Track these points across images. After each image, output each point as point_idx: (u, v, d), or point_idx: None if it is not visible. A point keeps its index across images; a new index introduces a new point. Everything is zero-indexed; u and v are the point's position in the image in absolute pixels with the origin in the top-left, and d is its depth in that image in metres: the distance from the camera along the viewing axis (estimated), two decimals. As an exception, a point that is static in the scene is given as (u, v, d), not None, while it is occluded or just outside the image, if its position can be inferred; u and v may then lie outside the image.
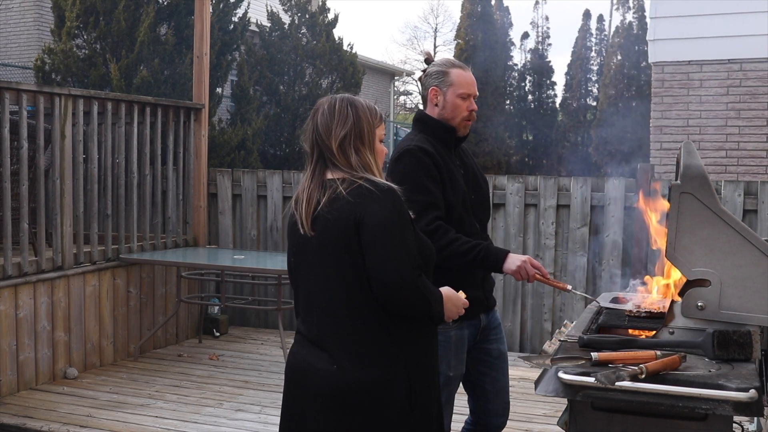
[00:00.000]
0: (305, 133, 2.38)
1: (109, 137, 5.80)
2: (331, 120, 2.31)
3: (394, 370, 2.26)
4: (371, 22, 56.16)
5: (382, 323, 2.26)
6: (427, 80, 3.08)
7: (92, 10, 8.97)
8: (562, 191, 6.13)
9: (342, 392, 2.24)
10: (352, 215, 2.21)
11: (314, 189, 2.29)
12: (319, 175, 2.31)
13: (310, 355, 2.30)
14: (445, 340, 2.93)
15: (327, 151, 2.30)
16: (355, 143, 2.30)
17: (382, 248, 2.20)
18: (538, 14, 21.21)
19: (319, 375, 2.26)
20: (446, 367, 2.96)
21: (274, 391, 5.14)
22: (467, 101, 3.03)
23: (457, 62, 3.09)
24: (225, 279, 6.19)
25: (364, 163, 2.30)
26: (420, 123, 3.08)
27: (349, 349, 2.25)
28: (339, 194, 2.23)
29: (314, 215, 2.27)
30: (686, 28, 7.56)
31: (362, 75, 12.67)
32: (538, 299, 6.24)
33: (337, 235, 2.23)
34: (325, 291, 2.28)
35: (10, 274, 4.94)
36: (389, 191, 2.25)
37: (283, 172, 6.95)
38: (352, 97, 2.38)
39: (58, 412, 4.66)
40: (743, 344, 2.25)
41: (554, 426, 4.13)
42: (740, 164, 7.41)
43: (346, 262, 2.23)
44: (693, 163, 2.43)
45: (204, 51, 6.64)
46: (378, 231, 2.20)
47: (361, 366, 2.24)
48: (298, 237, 2.32)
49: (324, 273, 2.27)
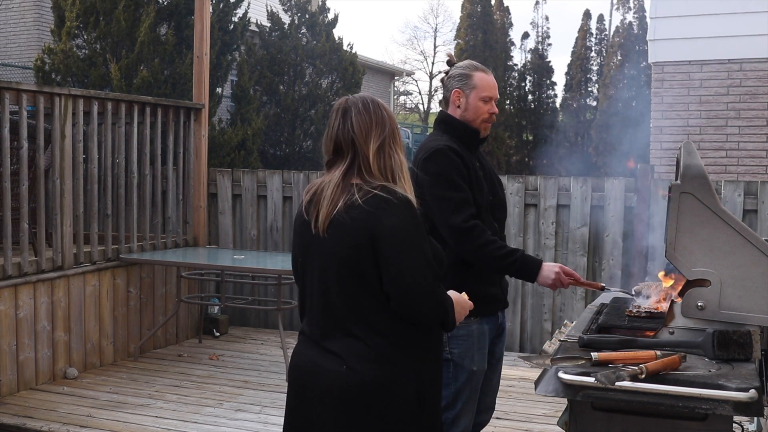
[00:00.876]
0: (333, 132, 2.31)
1: (109, 137, 5.80)
2: (370, 121, 2.28)
3: (404, 371, 2.26)
4: (371, 22, 56.21)
5: (392, 326, 2.25)
6: (450, 82, 3.13)
7: (92, 10, 8.98)
8: (562, 191, 6.13)
9: (352, 392, 2.22)
10: (369, 224, 2.18)
11: (339, 191, 2.24)
12: (347, 177, 2.26)
13: (318, 356, 2.29)
14: (468, 334, 2.96)
15: (362, 153, 2.26)
16: (392, 144, 2.29)
17: (401, 260, 2.19)
18: (538, 14, 21.24)
19: (327, 375, 2.25)
20: (470, 362, 2.99)
21: (274, 391, 5.14)
22: (489, 104, 3.09)
23: (480, 66, 3.15)
24: (225, 279, 6.19)
25: (398, 165, 2.28)
26: (444, 124, 3.12)
27: (359, 350, 2.23)
28: (356, 201, 2.20)
29: (332, 218, 2.23)
30: (686, 28, 7.56)
31: (362, 75, 12.68)
32: (538, 299, 6.24)
33: (352, 242, 2.20)
34: (335, 294, 2.26)
35: (10, 274, 4.94)
36: (405, 202, 2.23)
37: (283, 172, 6.95)
38: (379, 100, 2.36)
39: (58, 412, 4.65)
40: (743, 344, 2.25)
41: (554, 426, 4.13)
42: (740, 164, 7.41)
43: (360, 268, 2.21)
44: (693, 163, 2.43)
45: (204, 51, 6.64)
46: (397, 243, 2.19)
47: (371, 366, 2.22)
48: (309, 237, 2.29)
49: (336, 276, 2.24)
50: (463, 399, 3.00)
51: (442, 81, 3.20)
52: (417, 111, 36.29)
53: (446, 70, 3.19)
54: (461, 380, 2.98)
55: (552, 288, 2.99)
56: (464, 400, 3.01)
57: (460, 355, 2.96)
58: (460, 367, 2.97)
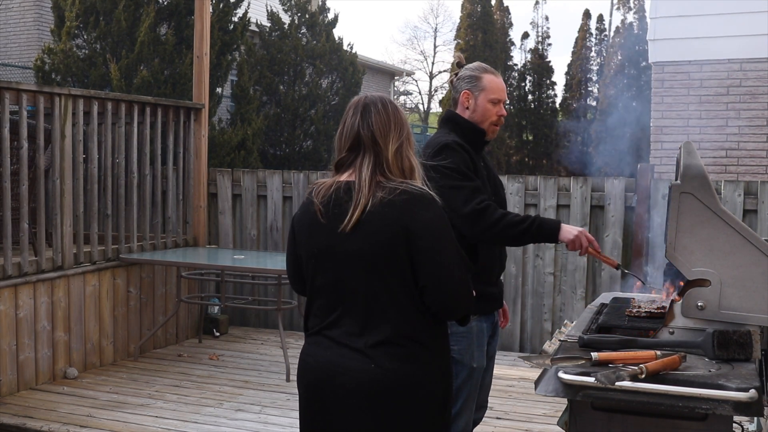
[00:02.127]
0: (352, 127, 2.28)
1: (109, 137, 5.80)
2: (388, 122, 2.28)
3: (432, 368, 2.25)
4: (371, 22, 56.21)
5: (421, 324, 2.24)
6: (459, 83, 3.16)
7: (92, 10, 8.98)
8: (562, 191, 6.13)
9: (382, 390, 2.19)
10: (401, 222, 2.17)
11: (368, 190, 2.21)
12: (373, 175, 2.23)
13: (339, 356, 2.23)
14: (467, 331, 2.98)
15: (383, 152, 2.25)
16: (407, 145, 2.29)
17: (440, 255, 2.19)
18: (538, 14, 21.19)
19: (352, 375, 2.20)
20: (470, 359, 3.02)
21: (274, 391, 5.14)
22: (497, 106, 3.12)
23: (489, 68, 3.18)
24: (225, 279, 6.19)
25: (413, 166, 2.28)
26: (452, 123, 3.15)
27: (387, 349, 2.20)
28: (386, 198, 2.18)
29: (360, 217, 2.19)
30: (686, 28, 7.56)
31: (362, 75, 12.68)
32: (538, 299, 6.24)
33: (383, 241, 2.17)
34: (362, 294, 2.22)
35: (10, 274, 4.94)
36: (432, 197, 2.24)
37: (283, 172, 6.95)
38: (396, 103, 2.36)
39: (58, 412, 4.65)
40: (743, 344, 2.25)
41: (554, 426, 4.13)
42: (740, 164, 7.41)
43: (391, 267, 2.19)
44: (693, 163, 2.43)
45: (204, 51, 6.64)
46: (433, 238, 2.19)
47: (401, 365, 2.20)
48: (325, 238, 2.25)
49: (364, 277, 2.21)
50: (463, 396, 3.03)
51: (451, 82, 3.22)
52: (417, 111, 36.28)
53: (456, 72, 3.22)
54: (462, 377, 3.01)
55: (571, 247, 3.00)
56: (464, 398, 3.03)
57: (460, 352, 2.98)
58: (460, 364, 2.99)
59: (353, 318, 2.24)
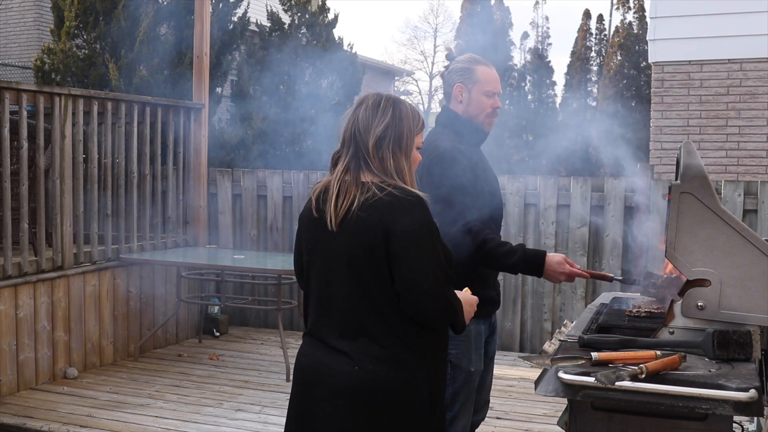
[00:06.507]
0: (343, 123, 2.29)
1: (109, 137, 5.80)
2: (373, 117, 2.24)
3: (416, 372, 2.22)
4: (371, 22, 56.20)
5: (405, 327, 2.21)
6: (450, 76, 3.06)
7: (92, 10, 8.97)
8: (562, 191, 6.13)
9: (365, 393, 2.18)
10: (382, 224, 2.15)
11: (348, 187, 2.20)
12: (354, 172, 2.22)
13: (326, 357, 2.24)
14: (465, 335, 2.92)
15: (363, 148, 2.22)
16: (392, 146, 2.23)
17: (413, 261, 2.15)
18: (538, 14, 21.27)
19: (337, 376, 2.20)
20: (467, 362, 2.97)
21: (274, 391, 5.14)
22: (492, 98, 3.04)
23: (482, 59, 3.08)
24: (225, 279, 6.19)
25: (398, 169, 2.23)
26: (449, 121, 3.07)
27: (371, 350, 2.19)
28: (369, 200, 2.16)
29: (344, 215, 2.18)
30: (686, 28, 7.56)
31: (362, 75, 12.68)
32: (538, 299, 6.23)
33: (364, 242, 2.16)
34: (345, 293, 2.21)
35: (10, 274, 4.94)
36: (419, 201, 2.19)
37: (283, 172, 6.95)
38: (398, 98, 2.31)
39: (58, 412, 4.65)
40: (743, 344, 2.25)
41: (554, 426, 4.14)
42: (740, 164, 7.41)
43: (374, 267, 2.17)
44: (693, 163, 2.43)
45: (204, 51, 6.64)
46: (409, 243, 2.15)
47: (383, 367, 2.18)
48: (318, 234, 2.25)
49: (347, 276, 2.20)
50: (460, 400, 2.99)
51: (442, 75, 3.12)
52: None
53: (446, 64, 3.12)
54: (459, 381, 2.97)
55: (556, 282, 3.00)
56: (462, 401, 2.99)
57: (457, 356, 2.94)
58: (458, 368, 2.95)
59: (338, 318, 2.24)
